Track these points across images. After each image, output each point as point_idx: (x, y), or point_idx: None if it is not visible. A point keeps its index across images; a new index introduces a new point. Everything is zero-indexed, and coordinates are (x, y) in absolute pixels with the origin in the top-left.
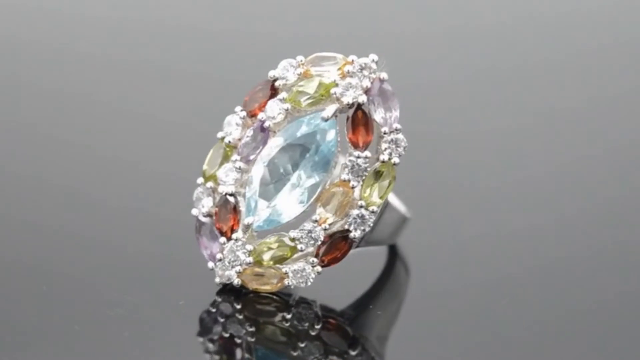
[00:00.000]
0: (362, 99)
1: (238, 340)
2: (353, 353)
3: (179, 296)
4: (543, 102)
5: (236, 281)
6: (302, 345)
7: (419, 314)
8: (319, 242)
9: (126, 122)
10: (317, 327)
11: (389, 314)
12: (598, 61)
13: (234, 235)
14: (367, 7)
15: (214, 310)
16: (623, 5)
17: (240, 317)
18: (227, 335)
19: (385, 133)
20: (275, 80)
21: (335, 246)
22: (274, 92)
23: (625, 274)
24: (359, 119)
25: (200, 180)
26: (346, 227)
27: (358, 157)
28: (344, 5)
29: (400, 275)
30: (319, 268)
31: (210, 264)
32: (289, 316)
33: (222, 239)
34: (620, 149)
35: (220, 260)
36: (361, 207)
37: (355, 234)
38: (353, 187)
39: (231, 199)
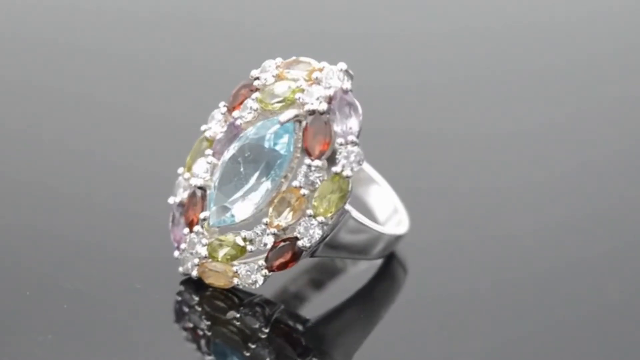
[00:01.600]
0: (323, 107)
1: (200, 332)
2: None
3: (144, 281)
4: (543, 104)
5: (194, 273)
6: (253, 347)
7: (414, 317)
8: (268, 246)
9: (117, 117)
10: (265, 330)
11: (360, 330)
12: (601, 64)
13: (195, 228)
14: (369, 5)
15: (179, 298)
16: (625, 7)
17: (199, 309)
18: (190, 325)
19: (341, 144)
20: (256, 79)
21: (284, 252)
22: (253, 90)
23: (626, 278)
24: (317, 127)
25: (181, 170)
26: (295, 234)
27: (309, 165)
28: (346, 3)
29: (396, 279)
30: (266, 271)
31: (176, 253)
32: (237, 315)
33: (186, 230)
34: (621, 151)
35: (183, 250)
36: (309, 216)
37: (303, 242)
38: (304, 195)
39: (199, 192)
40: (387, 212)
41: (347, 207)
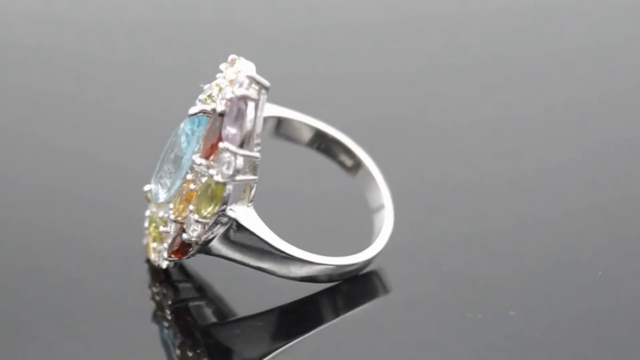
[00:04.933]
0: (220, 108)
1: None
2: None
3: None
4: (536, 97)
5: (143, 242)
6: (166, 325)
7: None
8: (171, 232)
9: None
10: (168, 312)
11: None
12: (594, 55)
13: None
14: None
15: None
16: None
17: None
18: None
19: (222, 149)
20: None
21: (178, 242)
22: None
23: (623, 278)
24: (212, 128)
25: None
26: (185, 226)
27: (194, 162)
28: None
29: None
30: (166, 255)
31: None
32: (156, 290)
33: None
34: (618, 147)
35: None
36: (191, 211)
37: (186, 236)
38: (192, 190)
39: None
40: (375, 205)
41: (249, 220)
